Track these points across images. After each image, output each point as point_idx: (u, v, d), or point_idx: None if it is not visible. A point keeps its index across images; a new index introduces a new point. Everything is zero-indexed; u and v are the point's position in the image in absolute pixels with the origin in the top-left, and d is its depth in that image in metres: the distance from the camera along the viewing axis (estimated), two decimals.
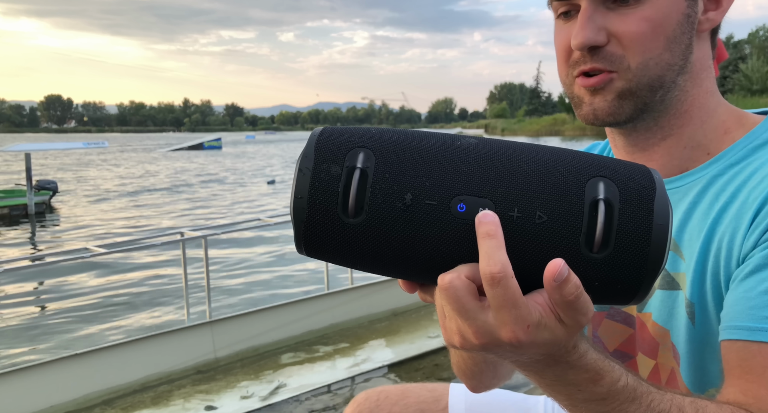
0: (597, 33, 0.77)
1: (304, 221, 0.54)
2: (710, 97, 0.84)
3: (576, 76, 0.82)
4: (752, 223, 0.73)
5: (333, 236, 0.54)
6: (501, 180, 0.53)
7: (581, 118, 0.83)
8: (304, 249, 0.57)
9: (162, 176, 25.56)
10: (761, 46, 62.11)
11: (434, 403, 1.16)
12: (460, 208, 0.52)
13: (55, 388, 3.78)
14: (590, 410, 0.63)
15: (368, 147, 0.54)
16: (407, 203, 0.52)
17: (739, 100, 45.76)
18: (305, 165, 0.54)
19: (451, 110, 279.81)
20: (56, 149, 54.75)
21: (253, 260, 8.79)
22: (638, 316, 0.89)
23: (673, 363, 0.85)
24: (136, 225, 12.67)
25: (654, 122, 0.83)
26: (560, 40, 0.83)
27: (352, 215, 0.53)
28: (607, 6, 0.77)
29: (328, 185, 0.53)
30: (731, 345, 0.71)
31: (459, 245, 0.52)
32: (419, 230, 0.52)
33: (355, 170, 0.53)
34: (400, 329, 5.10)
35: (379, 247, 0.53)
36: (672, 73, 0.80)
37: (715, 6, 0.82)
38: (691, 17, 0.79)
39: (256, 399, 3.85)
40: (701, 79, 0.83)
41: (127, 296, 6.99)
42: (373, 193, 0.53)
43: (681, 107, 0.83)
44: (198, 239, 4.71)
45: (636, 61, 0.78)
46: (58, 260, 4.72)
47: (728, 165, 0.81)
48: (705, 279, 0.79)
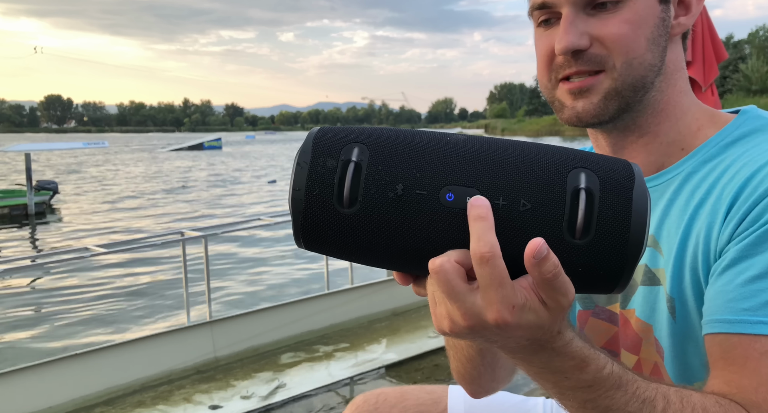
0: (580, 37, 0.80)
1: (301, 211, 0.56)
2: (683, 97, 0.88)
3: (559, 79, 0.85)
4: (726, 217, 0.76)
5: (329, 225, 0.56)
6: (487, 171, 0.56)
7: (564, 121, 0.87)
8: (302, 240, 0.59)
9: (166, 177, 25.55)
10: (761, 46, 62.11)
11: (433, 405, 1.16)
12: (449, 197, 0.55)
13: (55, 388, 3.78)
14: (577, 398, 0.64)
15: (362, 142, 0.57)
16: (398, 193, 0.55)
17: (738, 101, 45.70)
18: (303, 159, 0.57)
19: (451, 110, 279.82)
20: (56, 149, 54.74)
21: (253, 260, 8.79)
22: (622, 312, 0.92)
23: (656, 358, 0.87)
24: (137, 226, 12.67)
25: (632, 122, 0.87)
26: (542, 46, 0.86)
27: (347, 205, 0.55)
28: (587, 12, 0.81)
29: (324, 177, 0.56)
30: (713, 338, 0.74)
31: (448, 232, 0.55)
32: (410, 218, 0.55)
33: (349, 163, 0.56)
34: (400, 329, 5.10)
35: (372, 236, 0.56)
36: (652, 74, 0.83)
37: (684, 11, 0.87)
38: (665, 21, 0.84)
39: (256, 399, 3.85)
40: (675, 80, 0.87)
41: (127, 296, 6.99)
42: (366, 184, 0.55)
43: (657, 106, 0.86)
44: (198, 238, 4.71)
45: (620, 60, 0.81)
46: (58, 260, 4.72)
47: (702, 161, 0.84)
48: (684, 274, 0.81)
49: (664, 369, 0.86)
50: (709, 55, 4.06)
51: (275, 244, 9.79)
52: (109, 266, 8.31)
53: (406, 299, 5.56)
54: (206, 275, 4.66)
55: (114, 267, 8.30)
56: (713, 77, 4.15)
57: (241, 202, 16.79)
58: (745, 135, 0.83)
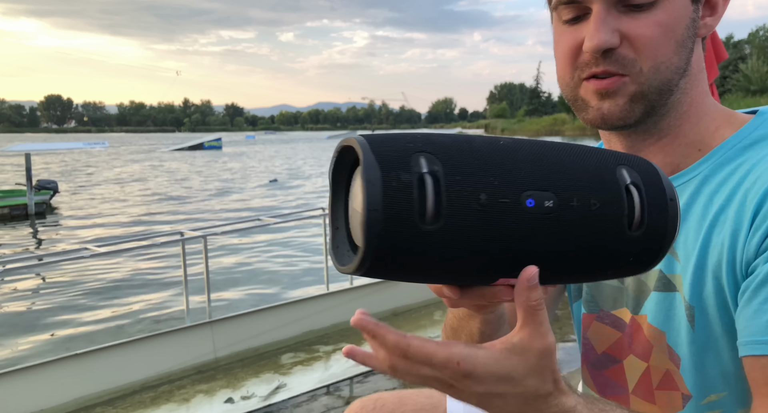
0: (611, 35, 0.76)
1: (378, 234, 0.50)
2: (705, 97, 0.86)
3: (585, 78, 0.81)
4: (752, 225, 0.73)
5: (411, 245, 0.52)
6: (556, 174, 0.56)
7: (587, 121, 0.83)
8: (369, 265, 0.53)
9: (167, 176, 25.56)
10: (761, 46, 62.08)
11: (432, 410, 1.14)
12: (530, 203, 0.55)
13: (55, 388, 3.78)
14: None
15: (428, 151, 0.53)
16: (483, 203, 0.53)
17: (738, 101, 45.68)
18: (371, 175, 0.50)
19: (451, 110, 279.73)
20: (56, 149, 54.74)
21: (253, 260, 8.79)
22: (633, 318, 0.89)
23: (669, 365, 0.84)
24: (139, 224, 12.67)
25: (654, 125, 0.84)
26: (566, 42, 0.81)
27: (431, 221, 0.51)
28: (619, 9, 0.77)
29: (403, 193, 0.51)
30: (755, 361, 0.69)
31: (531, 238, 0.55)
32: (496, 228, 0.54)
33: (425, 175, 0.51)
34: (400, 329, 4.98)
35: (457, 251, 0.53)
36: (677, 77, 0.80)
37: (711, 12, 0.84)
38: (695, 22, 0.81)
39: (257, 399, 3.85)
40: (698, 81, 0.85)
41: (127, 295, 6.99)
42: (449, 196, 0.52)
43: (681, 108, 0.84)
44: (198, 238, 4.71)
45: (648, 65, 0.78)
46: (57, 259, 4.73)
47: (719, 164, 0.82)
48: (705, 282, 0.78)
49: (679, 376, 0.83)
50: (709, 55, 4.05)
51: (275, 244, 9.80)
52: (109, 266, 8.31)
53: (406, 299, 5.57)
54: (206, 275, 4.66)
55: (114, 267, 8.30)
56: (714, 77, 4.13)
57: (243, 201, 16.79)
58: (765, 137, 0.81)
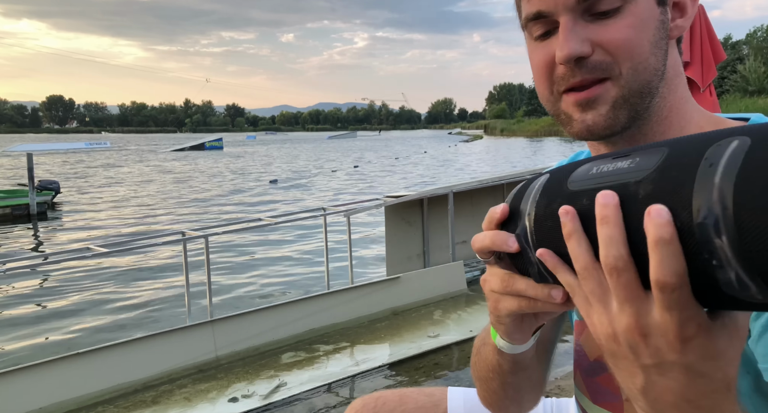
0: (582, 44, 0.76)
1: None
2: (685, 104, 0.84)
3: (563, 91, 0.80)
4: None
5: None
6: None
7: (573, 135, 0.81)
8: None
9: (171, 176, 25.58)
10: (759, 47, 61.99)
11: (433, 408, 1.15)
12: None
13: (56, 387, 3.79)
14: None
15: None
16: None
17: (736, 101, 45.57)
18: None
19: (451, 110, 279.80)
20: (58, 149, 54.74)
21: (253, 260, 8.80)
22: None
23: None
24: (139, 227, 12.69)
25: (638, 130, 0.82)
26: (539, 57, 0.81)
27: None
28: (586, 19, 0.77)
29: None
30: None
31: None
32: None
33: None
34: (400, 329, 5.11)
35: None
36: (657, 79, 0.79)
37: (680, 14, 0.83)
38: (665, 23, 0.80)
39: (257, 398, 3.86)
40: (675, 85, 0.83)
41: (128, 295, 7.00)
42: None
43: (661, 113, 0.83)
44: (199, 238, 4.73)
45: (626, 66, 0.77)
46: (59, 259, 4.74)
47: None
48: None
49: None
50: (707, 55, 4.08)
51: (275, 243, 9.81)
52: (109, 265, 8.32)
53: (406, 299, 5.58)
54: (207, 275, 4.68)
55: (115, 267, 8.32)
56: (711, 78, 4.17)
57: (243, 202, 16.80)
58: None
